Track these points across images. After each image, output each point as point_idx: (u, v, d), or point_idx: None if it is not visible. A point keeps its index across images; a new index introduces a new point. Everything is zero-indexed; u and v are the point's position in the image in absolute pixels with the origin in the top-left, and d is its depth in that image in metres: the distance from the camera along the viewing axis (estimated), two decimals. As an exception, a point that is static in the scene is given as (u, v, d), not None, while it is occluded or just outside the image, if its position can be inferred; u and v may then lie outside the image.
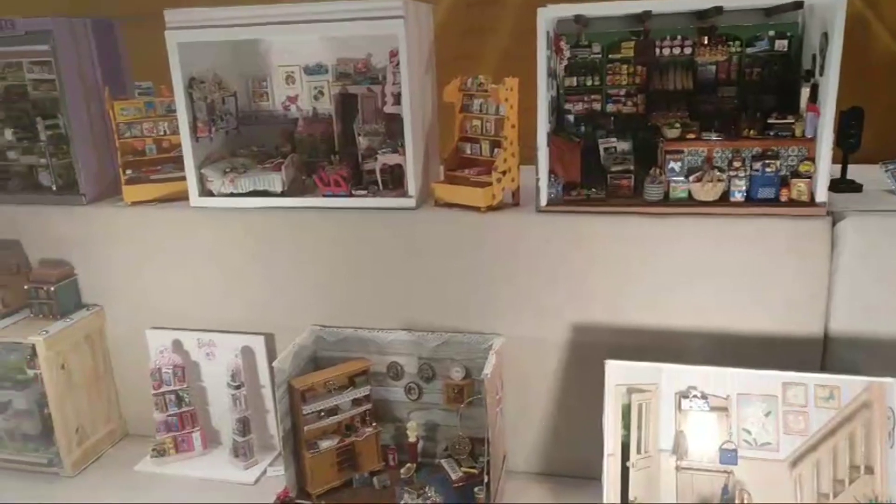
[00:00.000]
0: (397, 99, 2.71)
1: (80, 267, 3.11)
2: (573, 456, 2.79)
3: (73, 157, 3.02)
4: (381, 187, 2.83)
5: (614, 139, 2.70)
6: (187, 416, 3.04)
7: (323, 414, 2.72)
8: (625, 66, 2.76)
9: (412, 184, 2.73)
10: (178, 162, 3.04)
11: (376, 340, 2.82)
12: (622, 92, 2.80)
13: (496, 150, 2.72)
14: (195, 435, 3.06)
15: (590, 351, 2.64)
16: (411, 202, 2.74)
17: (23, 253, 3.11)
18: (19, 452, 3.06)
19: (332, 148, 3.08)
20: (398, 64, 2.62)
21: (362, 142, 2.92)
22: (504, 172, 2.65)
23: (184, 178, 2.96)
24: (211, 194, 2.92)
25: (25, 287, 3.02)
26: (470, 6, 3.51)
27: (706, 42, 2.63)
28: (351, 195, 2.81)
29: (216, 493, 2.83)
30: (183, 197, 2.97)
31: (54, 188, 3.11)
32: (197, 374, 3.08)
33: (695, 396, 2.44)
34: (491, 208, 2.66)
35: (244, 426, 2.95)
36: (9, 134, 3.10)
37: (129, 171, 3.03)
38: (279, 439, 2.70)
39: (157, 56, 3.30)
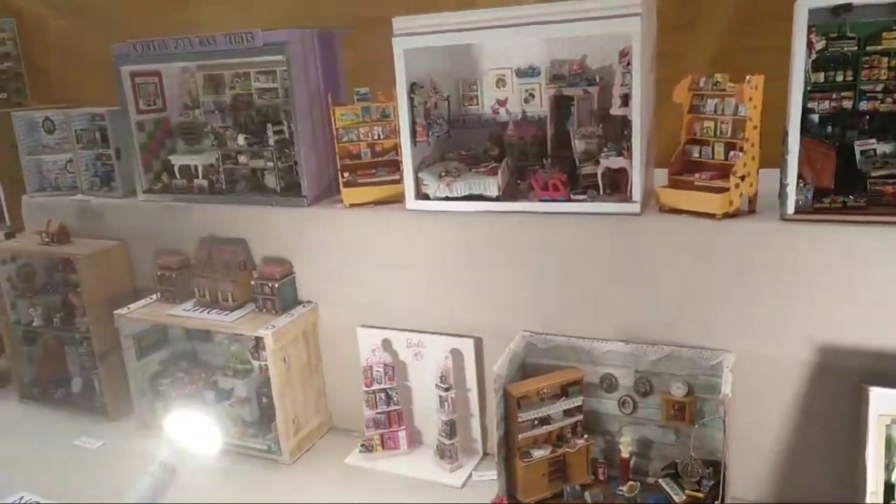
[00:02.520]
0: (624, 100, 2.59)
1: (297, 265, 3.27)
2: (808, 488, 2.56)
3: (298, 161, 3.17)
4: (600, 192, 2.74)
5: (873, 140, 2.42)
6: (394, 415, 3.11)
7: (536, 422, 2.66)
8: (885, 59, 2.47)
9: (637, 188, 2.60)
10: (391, 165, 3.12)
11: (590, 350, 2.73)
12: (879, 87, 2.50)
13: (732, 152, 2.54)
14: (401, 434, 3.12)
15: (837, 375, 2.40)
16: (636, 207, 2.62)
17: (248, 251, 3.33)
18: (240, 437, 3.27)
19: (542, 151, 3.02)
20: (629, 63, 2.50)
21: (579, 145, 2.83)
22: (743, 177, 2.46)
23: (397, 182, 3.03)
24: (426, 198, 2.95)
25: (252, 283, 3.23)
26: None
27: None
28: (569, 200, 2.74)
29: (426, 492, 2.86)
30: (397, 200, 3.04)
31: (278, 190, 3.30)
32: (404, 373, 3.14)
33: (978, 435, 2.15)
34: (727, 215, 2.48)
35: (451, 428, 2.97)
36: (241, 139, 3.32)
37: (345, 175, 3.14)
38: (494, 445, 2.68)
39: (363, 62, 3.44)
